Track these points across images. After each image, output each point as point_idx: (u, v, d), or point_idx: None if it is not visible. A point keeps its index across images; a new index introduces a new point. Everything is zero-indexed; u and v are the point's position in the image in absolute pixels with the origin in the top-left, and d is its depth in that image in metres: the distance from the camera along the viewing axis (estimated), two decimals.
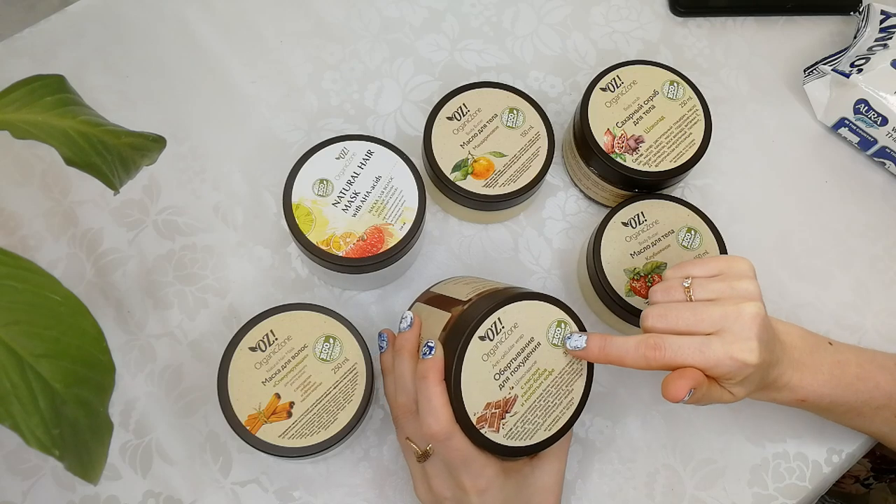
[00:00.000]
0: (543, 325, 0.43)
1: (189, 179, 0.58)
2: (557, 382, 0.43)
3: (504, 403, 0.41)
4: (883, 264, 0.59)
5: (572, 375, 0.43)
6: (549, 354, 0.43)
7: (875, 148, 0.61)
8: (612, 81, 0.55)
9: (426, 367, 0.41)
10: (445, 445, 0.41)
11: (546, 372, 0.42)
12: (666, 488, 0.52)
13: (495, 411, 0.41)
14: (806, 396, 0.45)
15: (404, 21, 0.64)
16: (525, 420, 0.42)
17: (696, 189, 0.61)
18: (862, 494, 0.79)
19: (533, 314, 0.43)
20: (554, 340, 0.43)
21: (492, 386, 0.41)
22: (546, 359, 0.43)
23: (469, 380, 0.41)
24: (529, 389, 0.42)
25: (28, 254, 0.55)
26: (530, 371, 0.42)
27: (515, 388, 0.42)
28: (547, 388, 0.42)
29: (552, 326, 0.43)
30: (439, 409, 0.40)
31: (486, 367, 0.41)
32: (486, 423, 0.41)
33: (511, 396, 0.41)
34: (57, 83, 0.39)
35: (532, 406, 0.42)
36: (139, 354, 0.53)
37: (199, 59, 0.62)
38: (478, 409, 0.41)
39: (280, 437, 0.45)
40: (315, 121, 0.60)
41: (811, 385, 0.44)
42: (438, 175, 0.53)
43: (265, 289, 0.55)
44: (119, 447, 0.51)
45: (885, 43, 0.60)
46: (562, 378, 0.43)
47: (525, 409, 0.42)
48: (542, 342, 0.43)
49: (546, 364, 0.42)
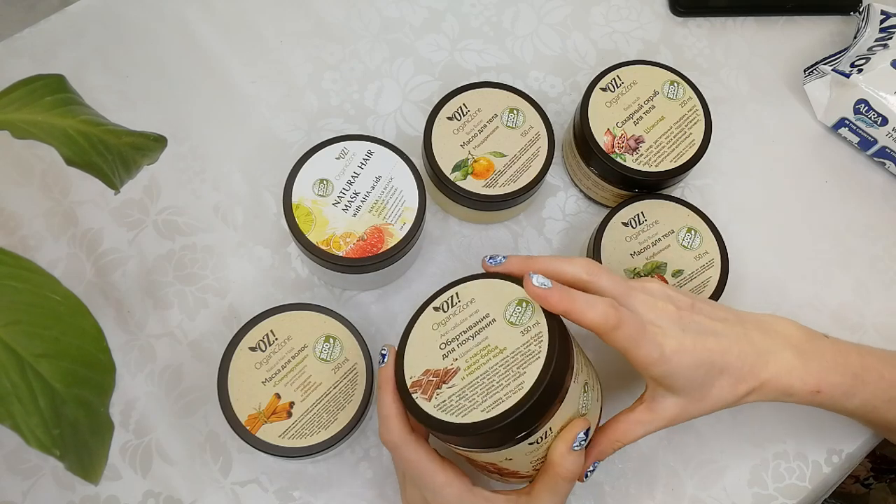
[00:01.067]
0: (502, 303, 0.40)
1: (189, 179, 0.58)
2: (507, 363, 0.38)
3: (443, 374, 0.39)
4: (883, 264, 0.59)
5: (527, 357, 0.38)
6: (502, 332, 0.39)
7: (875, 148, 0.61)
8: (612, 81, 0.55)
9: (380, 378, 0.41)
10: (398, 455, 0.41)
11: (496, 349, 0.39)
12: (666, 488, 0.52)
13: (432, 379, 0.39)
14: (818, 385, 0.44)
15: (404, 21, 0.64)
16: (462, 395, 0.38)
17: (696, 189, 0.61)
18: (862, 494, 0.80)
19: (493, 291, 0.41)
20: (511, 318, 0.39)
21: (435, 354, 0.40)
22: (499, 336, 0.39)
23: (414, 344, 0.41)
24: (474, 364, 0.39)
25: (28, 254, 0.55)
26: (479, 346, 0.39)
27: (459, 360, 0.39)
28: (494, 366, 0.38)
29: (511, 304, 0.40)
30: (390, 419, 0.40)
31: (434, 336, 0.40)
32: (420, 388, 0.39)
33: (452, 368, 0.39)
34: (57, 83, 0.39)
35: (473, 382, 0.38)
36: (139, 354, 0.53)
37: (199, 59, 0.62)
38: (416, 373, 0.40)
39: (280, 437, 0.45)
40: (315, 121, 0.60)
41: (818, 371, 0.44)
42: (438, 175, 0.53)
43: (265, 289, 0.55)
44: (119, 447, 0.51)
45: (886, 43, 0.60)
46: (513, 359, 0.38)
47: (464, 383, 0.38)
48: (497, 319, 0.39)
49: (498, 341, 0.39)
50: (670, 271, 0.52)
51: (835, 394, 0.44)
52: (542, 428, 0.38)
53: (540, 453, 0.40)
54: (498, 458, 0.40)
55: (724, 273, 0.52)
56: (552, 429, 0.39)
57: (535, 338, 0.38)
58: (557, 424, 0.39)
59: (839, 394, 0.45)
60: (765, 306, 0.57)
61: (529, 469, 0.41)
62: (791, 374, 0.43)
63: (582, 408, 0.41)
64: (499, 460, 0.40)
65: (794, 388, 0.44)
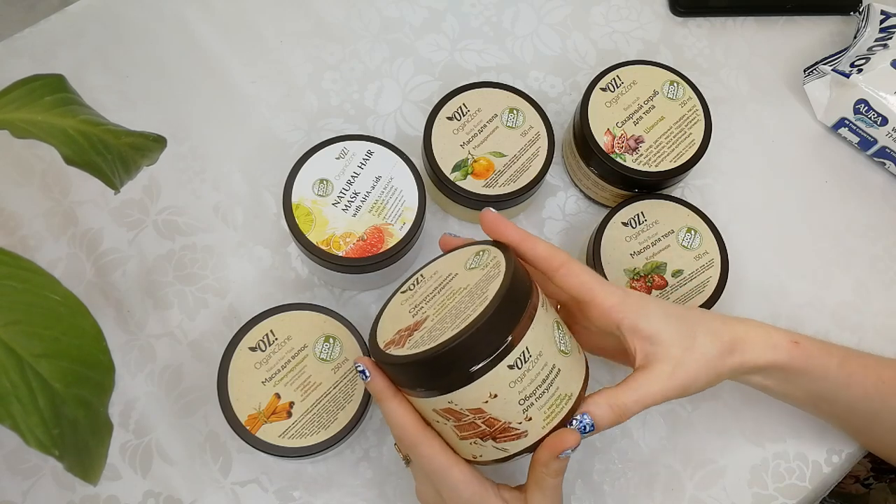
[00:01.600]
0: (462, 260, 0.42)
1: (189, 179, 0.58)
2: (471, 292, 0.38)
3: (414, 325, 0.40)
4: (883, 264, 0.59)
5: (488, 280, 0.38)
6: (465, 277, 0.40)
7: (875, 148, 0.61)
8: (612, 81, 0.55)
9: (374, 390, 0.41)
10: (415, 454, 0.41)
11: (460, 290, 0.39)
12: (666, 488, 0.52)
13: (404, 333, 0.40)
14: (794, 337, 0.44)
15: (404, 21, 0.64)
16: (432, 330, 0.38)
17: (696, 189, 0.61)
18: (862, 494, 0.79)
19: (454, 258, 0.43)
20: (471, 265, 0.40)
21: (405, 318, 0.41)
22: (462, 281, 0.40)
23: (385, 321, 0.42)
24: (441, 308, 0.39)
25: (28, 254, 0.55)
26: (444, 294, 0.40)
27: (428, 311, 0.40)
28: (459, 301, 0.38)
29: (471, 257, 0.41)
30: (401, 420, 0.40)
31: (404, 308, 0.42)
32: (394, 344, 0.40)
33: (422, 318, 0.40)
34: (57, 83, 0.39)
35: (442, 318, 0.38)
36: (139, 354, 0.53)
37: (199, 59, 0.62)
38: (388, 336, 0.41)
39: (280, 437, 0.45)
40: (315, 121, 0.60)
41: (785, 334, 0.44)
42: (438, 175, 0.53)
43: (265, 289, 0.55)
44: (119, 447, 0.51)
45: (885, 43, 0.60)
46: (476, 287, 0.38)
47: (434, 322, 0.39)
48: (459, 273, 0.41)
49: (461, 283, 0.40)
50: (670, 271, 0.52)
51: (812, 350, 0.44)
52: (518, 346, 0.37)
53: (525, 387, 0.38)
54: (482, 394, 0.38)
55: (723, 273, 0.52)
56: (529, 351, 0.37)
57: (494, 266, 0.39)
58: (535, 347, 0.38)
59: (817, 350, 0.44)
60: (765, 306, 0.57)
61: (521, 417, 0.38)
62: (766, 327, 0.44)
63: (561, 344, 0.40)
64: (484, 399, 0.38)
65: (773, 338, 0.43)
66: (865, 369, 0.46)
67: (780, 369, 0.44)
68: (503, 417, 0.38)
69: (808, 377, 0.45)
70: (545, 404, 0.38)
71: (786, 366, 0.44)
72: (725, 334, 0.42)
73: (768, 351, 0.43)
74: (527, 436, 0.39)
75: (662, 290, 0.51)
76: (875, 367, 0.47)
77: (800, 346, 0.44)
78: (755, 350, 0.43)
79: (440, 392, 0.38)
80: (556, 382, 0.39)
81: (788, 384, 0.45)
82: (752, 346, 0.43)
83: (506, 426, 0.39)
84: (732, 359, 0.42)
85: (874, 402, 0.46)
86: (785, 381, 0.45)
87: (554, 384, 0.38)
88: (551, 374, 0.38)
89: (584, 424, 0.39)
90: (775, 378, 0.45)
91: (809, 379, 0.45)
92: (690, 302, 0.51)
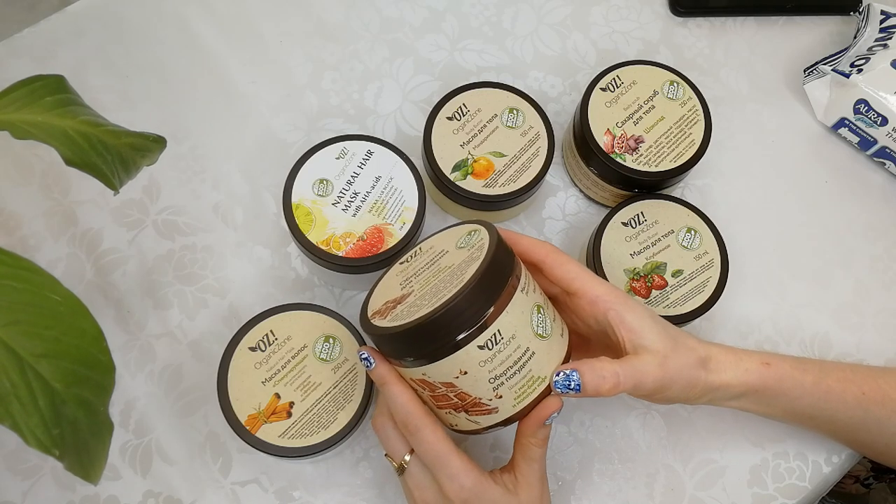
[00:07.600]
0: (455, 238, 0.43)
1: (189, 179, 0.58)
2: (453, 272, 0.40)
3: (399, 298, 0.41)
4: (883, 264, 0.59)
5: (471, 262, 0.39)
6: (453, 256, 0.41)
7: (875, 148, 0.61)
8: (612, 81, 0.55)
9: (378, 377, 0.42)
10: (417, 439, 0.41)
11: (446, 268, 0.41)
12: (666, 488, 0.52)
13: (390, 305, 0.41)
14: (766, 359, 0.44)
15: (404, 21, 0.64)
16: (412, 305, 0.39)
17: (696, 189, 0.61)
18: (862, 494, 0.79)
19: (452, 234, 0.44)
20: (461, 244, 0.42)
21: (395, 289, 0.42)
22: (450, 259, 0.41)
23: (380, 289, 0.44)
24: (426, 284, 0.40)
25: (28, 254, 0.55)
26: (431, 271, 0.42)
27: (414, 285, 0.41)
28: (442, 278, 0.40)
29: (463, 236, 0.42)
30: (405, 406, 0.41)
31: (398, 280, 0.43)
32: (379, 314, 0.41)
33: (408, 292, 0.41)
34: (57, 83, 0.39)
35: (423, 294, 0.40)
36: (139, 354, 0.53)
37: (198, 58, 0.62)
38: (377, 305, 0.42)
39: (280, 437, 0.45)
40: (315, 121, 0.60)
41: (756, 357, 0.44)
42: (438, 175, 0.53)
43: (265, 289, 0.55)
44: (119, 447, 0.51)
45: (885, 43, 0.60)
46: (459, 268, 0.39)
47: (415, 297, 0.40)
48: (449, 250, 0.42)
49: (448, 262, 0.41)
50: (670, 271, 0.52)
51: (784, 370, 0.45)
52: (490, 328, 0.38)
53: (495, 368, 0.39)
54: (453, 370, 0.39)
55: (723, 273, 0.52)
56: (501, 333, 0.38)
57: (479, 249, 0.40)
58: (508, 330, 0.38)
59: (789, 369, 0.45)
60: (765, 306, 0.57)
61: (491, 394, 0.39)
62: (736, 351, 0.44)
63: (539, 328, 0.40)
64: (454, 376, 0.39)
65: (743, 362, 0.44)
66: (844, 383, 0.46)
67: (753, 392, 0.44)
68: (473, 393, 0.40)
69: (784, 397, 0.45)
70: (516, 384, 0.39)
71: (759, 388, 0.44)
72: (700, 350, 0.43)
73: (740, 374, 0.44)
74: (497, 412, 0.40)
75: (662, 290, 0.51)
76: (854, 379, 0.47)
77: (771, 368, 0.45)
78: (726, 371, 0.43)
79: (415, 364, 0.40)
80: (529, 365, 0.39)
81: (766, 406, 0.46)
82: (723, 366, 0.43)
83: (476, 401, 0.40)
84: (707, 375, 0.43)
85: (856, 414, 0.47)
86: (761, 404, 0.46)
87: (526, 366, 0.39)
88: (524, 357, 0.39)
89: (571, 380, 0.39)
90: (751, 401, 0.45)
91: (786, 399, 0.45)
92: (690, 302, 0.51)
